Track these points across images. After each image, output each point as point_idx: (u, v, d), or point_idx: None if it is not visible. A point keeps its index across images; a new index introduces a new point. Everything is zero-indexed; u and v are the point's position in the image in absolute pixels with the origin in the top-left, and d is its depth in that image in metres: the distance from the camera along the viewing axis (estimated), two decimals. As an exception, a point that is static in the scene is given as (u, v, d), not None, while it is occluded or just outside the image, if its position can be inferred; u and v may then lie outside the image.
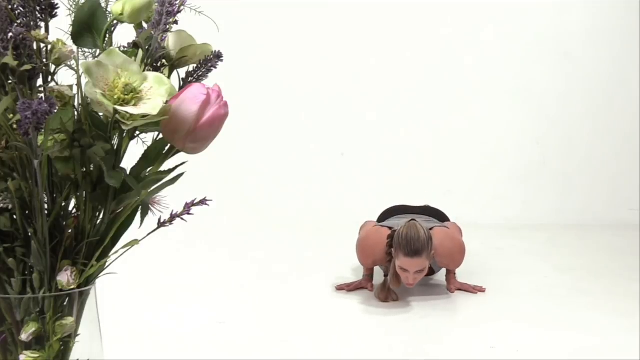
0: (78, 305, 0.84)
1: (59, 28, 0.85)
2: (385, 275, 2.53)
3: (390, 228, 2.55)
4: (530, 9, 4.48)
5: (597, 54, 4.53)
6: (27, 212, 0.80)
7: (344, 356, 1.95)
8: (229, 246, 3.49)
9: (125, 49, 0.85)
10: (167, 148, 0.85)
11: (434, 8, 4.41)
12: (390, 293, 2.49)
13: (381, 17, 4.42)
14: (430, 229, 2.52)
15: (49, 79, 0.81)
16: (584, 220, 4.25)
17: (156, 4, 0.81)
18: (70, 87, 0.81)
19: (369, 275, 2.65)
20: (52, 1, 0.81)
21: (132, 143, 0.85)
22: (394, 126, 4.28)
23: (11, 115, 0.76)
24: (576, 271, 2.98)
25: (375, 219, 2.87)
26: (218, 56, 0.87)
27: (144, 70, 0.81)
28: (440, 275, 2.78)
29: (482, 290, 2.60)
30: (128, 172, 0.83)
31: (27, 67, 0.74)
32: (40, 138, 0.75)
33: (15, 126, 0.76)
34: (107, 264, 0.86)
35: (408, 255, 2.35)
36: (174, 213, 0.87)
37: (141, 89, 0.78)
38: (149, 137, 0.86)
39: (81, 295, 0.84)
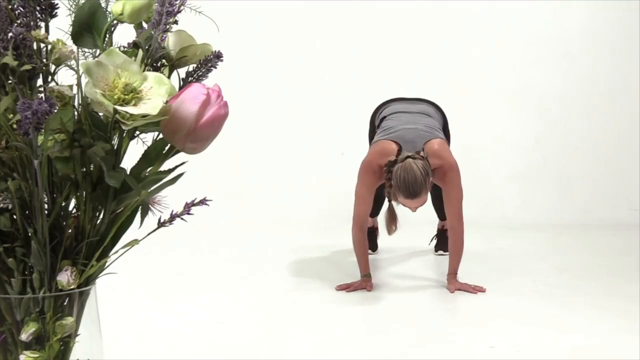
0: (78, 305, 0.84)
1: (59, 28, 0.85)
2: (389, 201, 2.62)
3: (396, 142, 2.59)
4: (530, 9, 4.48)
5: (597, 54, 4.53)
6: (27, 212, 0.80)
7: (343, 356, 1.95)
8: (229, 246, 3.49)
9: (125, 49, 0.85)
10: (167, 148, 0.85)
11: (433, 8, 4.41)
12: (393, 222, 2.62)
13: (381, 17, 4.42)
14: (426, 142, 2.59)
15: (49, 79, 0.81)
16: (584, 220, 4.25)
17: (156, 4, 0.81)
18: (70, 87, 0.80)
19: (368, 275, 2.66)
20: (52, 1, 0.81)
21: (132, 143, 0.85)
22: (394, 126, 4.28)
23: (11, 115, 0.76)
24: (576, 271, 2.98)
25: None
26: (218, 56, 0.87)
27: (144, 70, 0.80)
28: (441, 276, 2.78)
29: (482, 290, 2.60)
30: (128, 172, 0.83)
31: (27, 67, 0.74)
32: (40, 138, 0.75)
33: (15, 126, 0.76)
34: (107, 264, 0.86)
35: (408, 197, 2.47)
36: (174, 213, 0.87)
37: (141, 89, 0.78)
38: (149, 137, 0.86)
39: (81, 295, 0.84)
